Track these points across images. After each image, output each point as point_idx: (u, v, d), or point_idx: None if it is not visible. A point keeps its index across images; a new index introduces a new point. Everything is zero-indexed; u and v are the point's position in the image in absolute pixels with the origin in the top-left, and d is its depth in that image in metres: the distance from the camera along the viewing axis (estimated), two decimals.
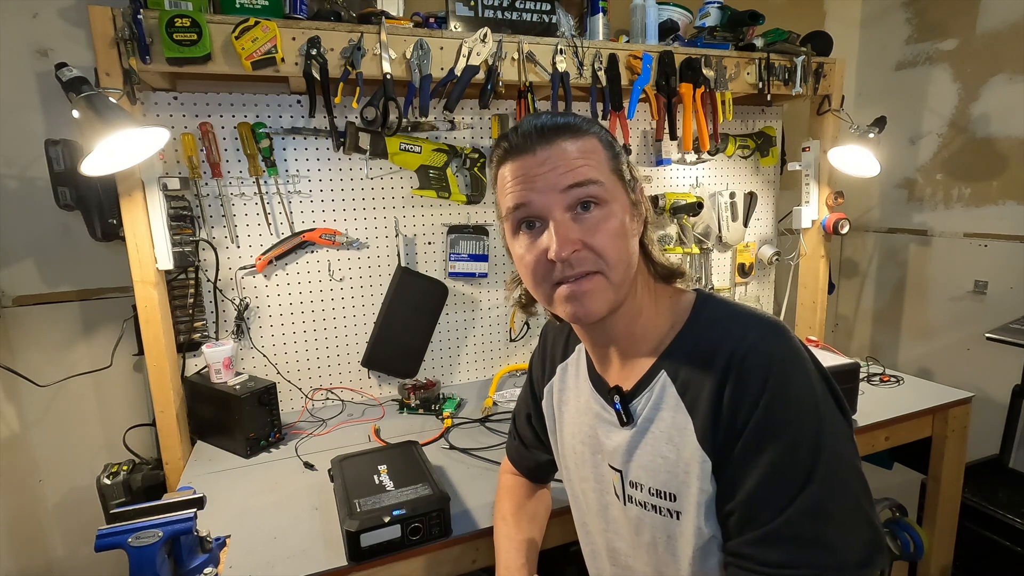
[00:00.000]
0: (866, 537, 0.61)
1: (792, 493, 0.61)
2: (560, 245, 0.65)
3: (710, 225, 2.02)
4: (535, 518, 0.99)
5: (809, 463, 0.61)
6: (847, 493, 0.62)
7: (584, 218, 0.67)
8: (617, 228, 0.67)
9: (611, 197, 0.68)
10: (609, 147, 0.70)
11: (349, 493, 1.01)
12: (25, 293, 1.47)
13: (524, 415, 1.00)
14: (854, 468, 0.64)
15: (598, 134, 0.70)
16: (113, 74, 1.17)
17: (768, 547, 0.61)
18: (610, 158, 0.70)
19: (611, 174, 0.69)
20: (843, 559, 0.60)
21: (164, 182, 1.33)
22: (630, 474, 0.74)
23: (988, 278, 2.03)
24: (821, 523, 0.60)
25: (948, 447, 1.56)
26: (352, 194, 1.61)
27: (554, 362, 0.90)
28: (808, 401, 0.63)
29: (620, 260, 0.67)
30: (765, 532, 0.61)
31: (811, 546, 0.60)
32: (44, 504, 1.57)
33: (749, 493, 0.63)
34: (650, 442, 0.71)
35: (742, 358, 0.64)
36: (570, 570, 1.33)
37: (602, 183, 0.67)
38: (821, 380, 0.66)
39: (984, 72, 1.99)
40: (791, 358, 0.65)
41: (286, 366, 1.61)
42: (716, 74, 1.67)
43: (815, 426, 0.62)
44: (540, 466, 1.01)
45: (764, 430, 0.62)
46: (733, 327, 0.67)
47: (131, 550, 0.78)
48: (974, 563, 1.69)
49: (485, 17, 1.49)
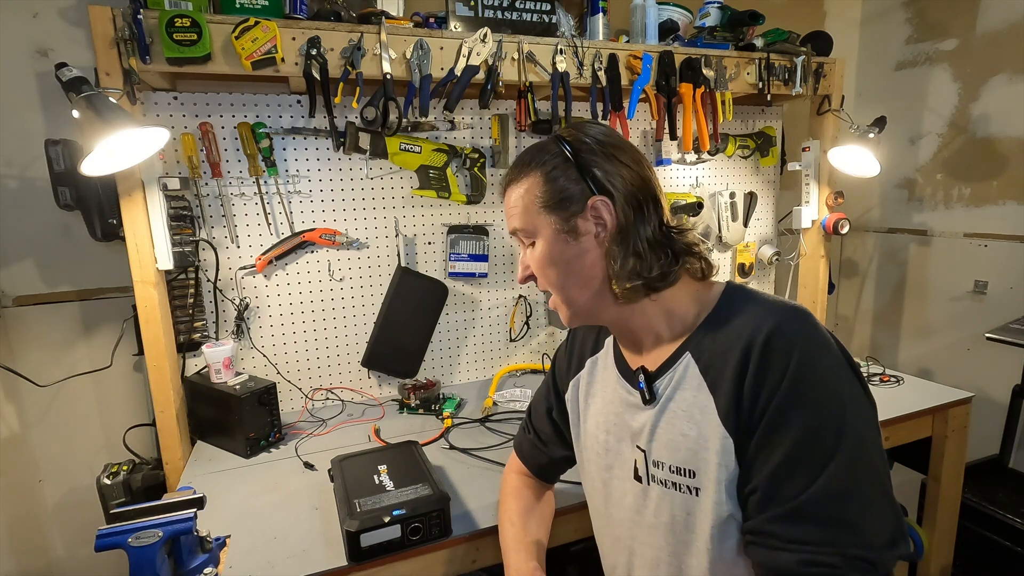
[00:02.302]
0: (891, 520, 0.62)
1: (815, 472, 0.61)
2: (520, 272, 0.82)
3: (710, 225, 2.02)
4: (542, 520, 0.98)
5: (833, 443, 0.61)
6: (872, 476, 0.62)
7: (530, 250, 0.79)
8: (543, 258, 0.77)
9: (537, 233, 0.77)
10: (549, 179, 0.75)
11: (349, 493, 1.01)
12: (25, 293, 1.47)
13: (544, 409, 1.00)
14: (879, 452, 0.64)
15: (541, 166, 0.75)
16: (113, 74, 1.17)
17: (791, 524, 0.62)
18: (543, 192, 0.75)
19: (539, 211, 0.75)
20: (867, 540, 0.60)
21: (164, 182, 1.33)
22: (653, 453, 0.75)
23: (988, 278, 2.03)
24: (845, 503, 0.60)
25: (948, 447, 1.56)
26: (352, 194, 1.61)
27: (583, 357, 0.92)
28: (832, 383, 0.64)
29: (554, 284, 0.77)
30: (788, 509, 0.62)
31: (835, 525, 0.60)
32: (44, 504, 1.57)
33: (772, 471, 0.63)
34: (671, 420, 0.73)
35: (766, 340, 0.65)
36: (570, 570, 1.33)
37: (524, 228, 0.78)
38: (846, 365, 0.66)
39: (984, 72, 1.99)
40: (816, 340, 0.65)
41: (286, 366, 1.61)
42: (716, 74, 1.67)
43: (839, 408, 0.62)
44: (553, 463, 1.01)
45: (788, 409, 0.63)
46: (758, 311, 0.69)
47: (131, 550, 0.78)
48: (974, 563, 1.69)
49: (485, 17, 1.49)
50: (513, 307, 1.85)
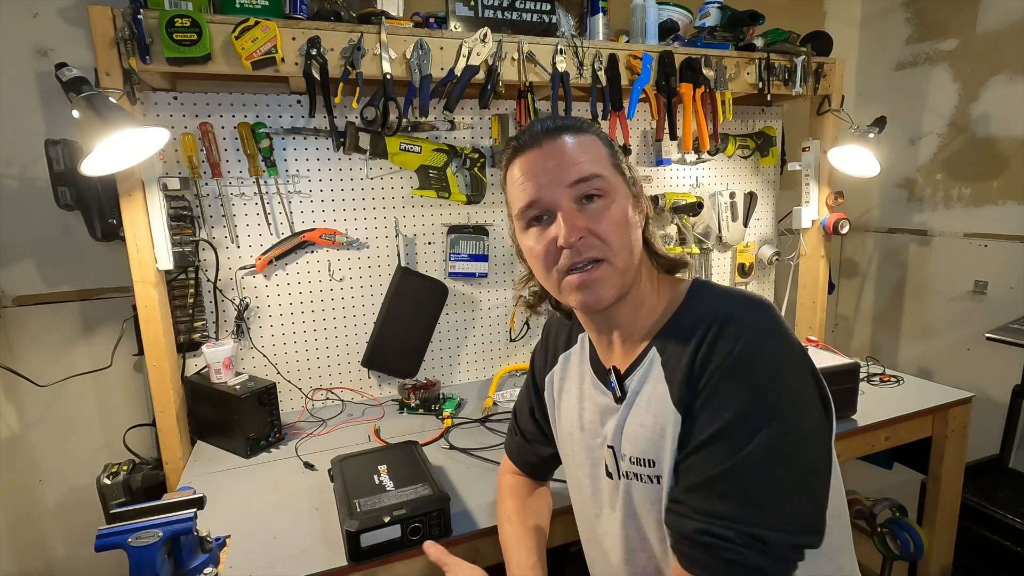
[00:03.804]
0: (805, 512, 0.62)
1: (736, 449, 0.62)
2: (568, 232, 0.69)
3: (710, 225, 2.02)
4: (540, 515, 0.99)
5: (759, 425, 0.62)
6: (796, 465, 0.62)
7: (589, 208, 0.71)
8: (620, 217, 0.72)
9: (613, 189, 0.72)
10: (609, 145, 0.76)
11: (349, 493, 1.01)
12: (25, 293, 1.47)
13: (526, 409, 1.01)
14: (817, 450, 0.65)
15: (598, 133, 0.76)
16: (113, 74, 1.17)
17: (701, 495, 0.64)
18: (610, 155, 0.75)
19: (612, 168, 0.74)
20: (770, 522, 0.60)
21: (164, 182, 1.34)
22: (620, 448, 0.76)
23: (988, 278, 2.03)
24: (758, 484, 0.61)
25: (948, 447, 1.56)
26: (352, 194, 1.61)
27: (556, 353, 0.93)
28: (776, 370, 0.64)
29: (623, 246, 0.71)
30: (703, 480, 0.64)
31: (742, 502, 0.61)
32: (44, 504, 1.57)
33: (699, 444, 0.65)
34: (635, 413, 0.74)
35: (720, 325, 0.66)
36: (570, 571, 1.33)
37: (604, 176, 0.72)
38: (801, 361, 0.67)
39: (984, 72, 1.99)
40: (769, 329, 0.66)
41: (286, 366, 1.61)
42: (716, 74, 1.67)
43: (775, 393, 0.63)
44: (542, 461, 1.01)
45: (724, 386, 0.64)
46: (719, 303, 0.71)
47: (131, 550, 0.79)
48: (974, 563, 1.69)
49: (485, 17, 1.49)
50: (513, 307, 1.85)
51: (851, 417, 1.43)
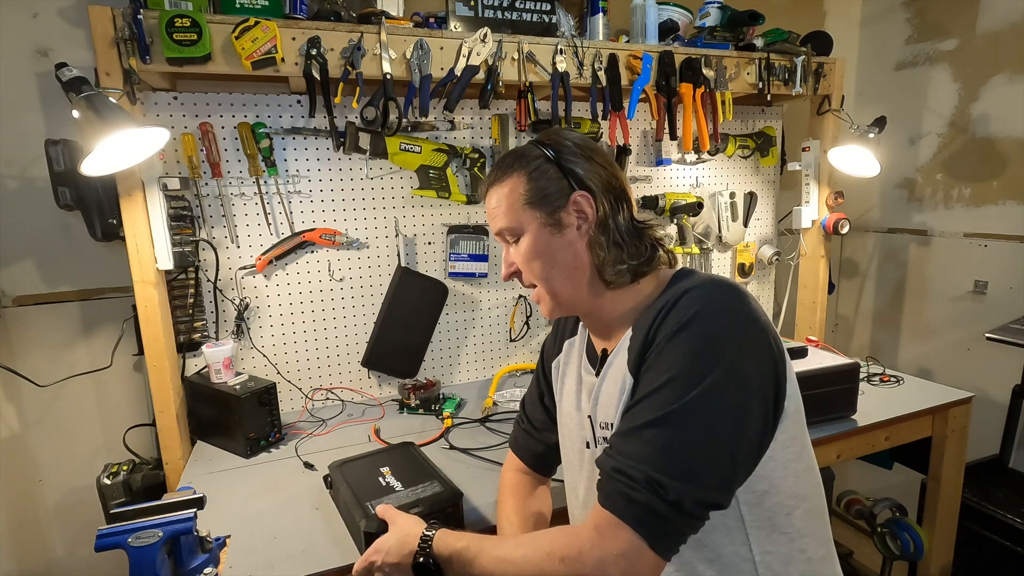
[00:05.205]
0: (717, 473, 0.65)
1: (665, 406, 0.66)
2: (503, 268, 0.86)
3: (710, 225, 2.02)
4: (540, 515, 0.99)
5: (690, 388, 0.65)
6: (716, 428, 0.65)
7: (514, 247, 0.84)
8: (529, 251, 0.81)
9: (522, 229, 0.81)
10: (531, 179, 0.80)
11: (359, 496, 1.01)
12: (25, 293, 1.47)
13: (536, 395, 1.05)
14: (740, 417, 0.66)
15: (524, 167, 0.81)
16: (113, 74, 1.17)
17: (625, 439, 0.69)
18: (526, 192, 0.80)
19: (524, 208, 0.80)
20: (677, 472, 0.63)
21: (164, 182, 1.34)
22: (596, 417, 0.82)
23: (988, 278, 2.03)
24: (677, 437, 0.65)
25: (948, 447, 1.56)
26: (352, 194, 1.61)
27: (562, 339, 0.98)
28: (719, 342, 0.67)
29: (540, 276, 0.82)
30: (630, 428, 0.69)
31: (657, 450, 0.65)
32: (44, 504, 1.57)
33: (636, 401, 0.70)
34: (606, 384, 0.80)
35: (678, 299, 0.71)
36: None
37: (509, 226, 0.82)
38: (750, 338, 0.68)
39: (984, 72, 1.99)
40: (725, 305, 0.70)
41: (286, 366, 1.61)
42: (716, 74, 1.67)
43: (712, 361, 0.66)
44: (548, 450, 1.02)
45: (666, 350, 0.69)
46: (688, 283, 0.74)
47: (131, 550, 0.79)
48: (974, 563, 1.69)
49: (485, 17, 1.49)
50: (513, 307, 1.85)
51: (851, 417, 1.43)
